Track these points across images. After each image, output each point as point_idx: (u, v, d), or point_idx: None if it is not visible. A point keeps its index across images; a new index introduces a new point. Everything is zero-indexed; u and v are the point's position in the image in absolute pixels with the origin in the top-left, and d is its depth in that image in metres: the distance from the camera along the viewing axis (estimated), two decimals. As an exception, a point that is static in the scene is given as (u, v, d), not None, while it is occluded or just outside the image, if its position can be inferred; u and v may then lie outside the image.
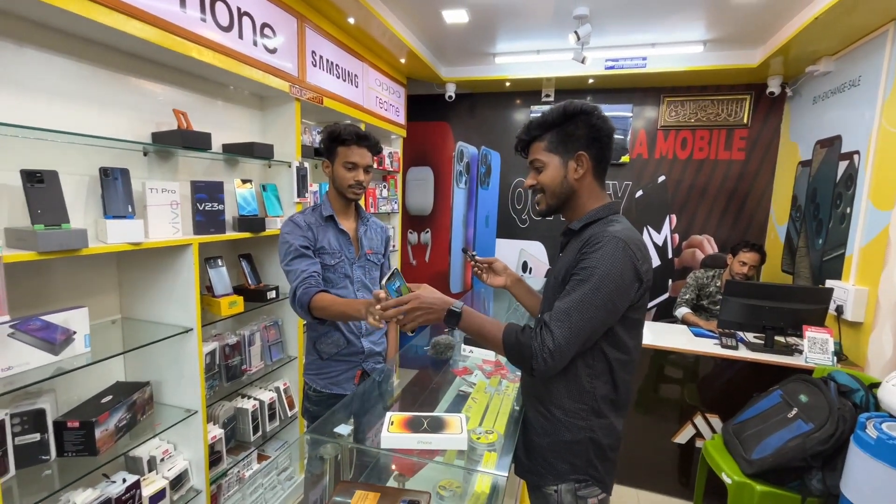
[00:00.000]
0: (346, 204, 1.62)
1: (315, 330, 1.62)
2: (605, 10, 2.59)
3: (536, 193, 1.13)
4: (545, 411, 1.10)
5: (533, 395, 1.16)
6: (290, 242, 1.49)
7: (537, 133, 1.09)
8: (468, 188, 4.32)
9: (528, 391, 1.19)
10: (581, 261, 0.97)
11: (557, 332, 0.93)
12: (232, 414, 2.13)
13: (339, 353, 1.63)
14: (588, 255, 0.96)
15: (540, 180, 1.09)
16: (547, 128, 1.07)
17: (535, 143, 1.10)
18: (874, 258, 2.23)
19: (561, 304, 0.95)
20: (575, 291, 0.95)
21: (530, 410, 1.17)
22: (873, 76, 2.37)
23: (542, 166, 1.08)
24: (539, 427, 1.12)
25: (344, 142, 1.52)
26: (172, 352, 1.79)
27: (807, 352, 2.20)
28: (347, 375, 1.65)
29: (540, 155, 1.08)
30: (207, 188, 1.84)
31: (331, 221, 1.59)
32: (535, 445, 1.13)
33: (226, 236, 1.91)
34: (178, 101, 1.88)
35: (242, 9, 1.89)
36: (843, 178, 2.58)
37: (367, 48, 3.01)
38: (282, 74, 2.17)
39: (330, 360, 1.63)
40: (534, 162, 1.10)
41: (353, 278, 1.62)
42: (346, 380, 1.64)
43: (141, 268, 1.76)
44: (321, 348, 1.63)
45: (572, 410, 1.06)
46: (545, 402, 1.10)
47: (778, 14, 2.54)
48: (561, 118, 1.05)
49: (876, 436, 1.53)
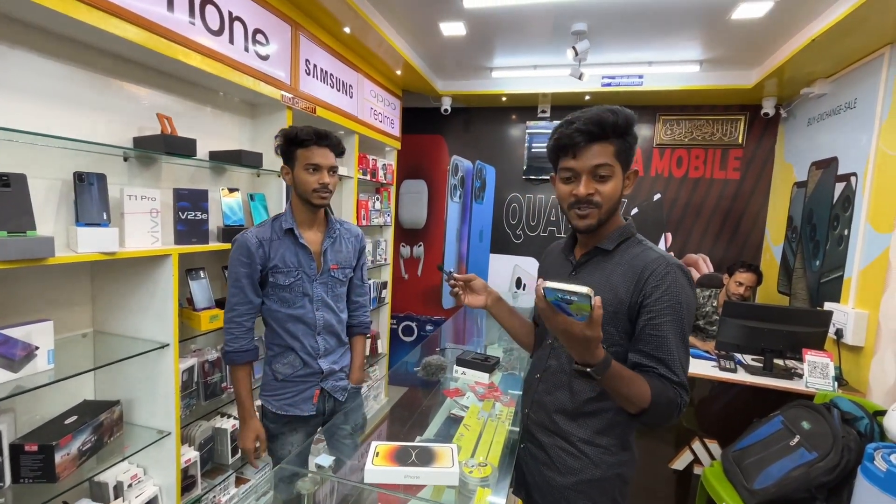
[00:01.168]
0: (311, 213, 1.50)
1: (271, 349, 1.54)
2: (604, 27, 2.58)
3: (586, 205, 0.95)
4: (572, 448, 1.02)
5: (552, 431, 1.06)
6: (233, 269, 1.44)
7: (611, 133, 0.92)
8: (462, 202, 4.27)
9: (547, 427, 1.08)
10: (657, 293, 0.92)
11: (685, 379, 0.91)
12: (210, 434, 2.01)
13: (296, 374, 1.53)
14: (665, 286, 0.92)
15: (603, 191, 0.94)
16: (618, 132, 0.92)
17: (603, 145, 0.92)
18: (874, 281, 2.19)
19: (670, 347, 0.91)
20: (671, 331, 0.91)
21: (551, 448, 1.06)
22: (869, 99, 2.37)
23: (609, 175, 0.93)
24: (562, 465, 1.04)
25: (302, 143, 1.41)
26: (147, 369, 1.68)
27: (807, 376, 2.15)
28: (305, 396, 1.54)
29: (610, 160, 0.93)
30: (191, 196, 1.76)
31: (290, 235, 1.47)
32: (555, 485, 1.04)
33: (209, 247, 1.83)
34: (163, 106, 1.81)
35: (234, 13, 1.83)
36: (840, 199, 2.57)
37: (362, 58, 2.97)
38: (274, 82, 2.11)
39: (286, 381, 1.52)
40: (600, 168, 0.92)
41: (313, 296, 1.51)
42: (304, 400, 1.54)
43: (116, 279, 1.66)
44: (276, 368, 1.53)
45: (603, 446, 1.01)
46: (571, 438, 1.03)
47: (774, 36, 2.55)
48: (629, 126, 0.93)
49: (885, 468, 1.47)
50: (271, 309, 1.50)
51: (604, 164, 0.93)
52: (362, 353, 1.72)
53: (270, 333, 1.54)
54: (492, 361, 1.60)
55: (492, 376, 1.63)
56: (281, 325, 1.50)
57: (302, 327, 1.50)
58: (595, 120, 0.91)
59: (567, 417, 1.03)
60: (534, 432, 1.11)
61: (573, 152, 0.94)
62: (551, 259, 1.21)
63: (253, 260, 1.42)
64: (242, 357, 1.46)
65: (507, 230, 4.19)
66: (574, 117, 0.94)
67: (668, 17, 2.43)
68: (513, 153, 4.10)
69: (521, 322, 1.29)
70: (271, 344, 1.54)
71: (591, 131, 0.91)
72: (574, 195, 0.95)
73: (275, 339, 1.52)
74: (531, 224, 4.13)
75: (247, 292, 1.44)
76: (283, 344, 1.51)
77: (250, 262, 1.42)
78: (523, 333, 1.28)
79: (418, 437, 1.42)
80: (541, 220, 4.10)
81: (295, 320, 1.49)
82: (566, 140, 0.94)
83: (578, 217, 0.97)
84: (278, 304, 1.48)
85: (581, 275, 1.04)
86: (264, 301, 1.50)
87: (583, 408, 1.02)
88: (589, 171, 0.93)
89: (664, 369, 0.90)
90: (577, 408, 1.02)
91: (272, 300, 1.49)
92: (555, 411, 1.05)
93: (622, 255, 1.00)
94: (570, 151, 0.94)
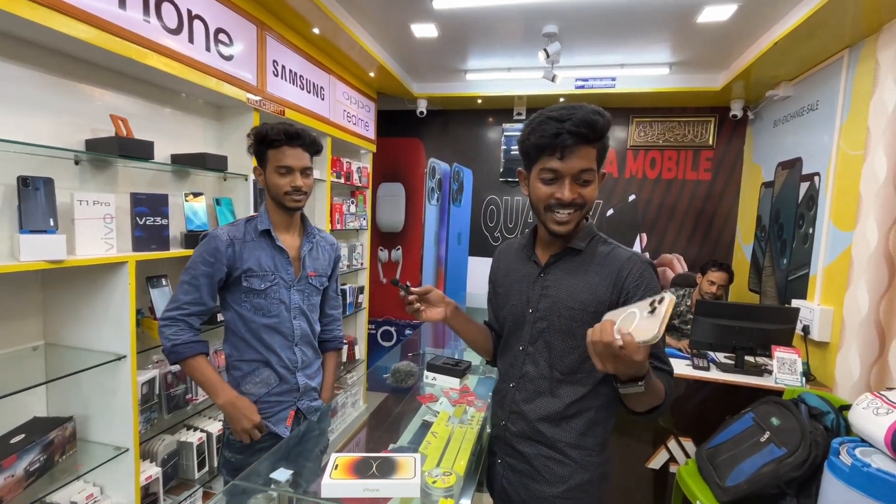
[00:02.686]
0: (287, 216, 1.41)
1: (238, 369, 1.39)
2: (575, 29, 2.60)
3: (571, 209, 0.91)
4: (559, 455, 1.00)
5: (536, 440, 1.02)
6: (194, 265, 1.30)
7: (599, 137, 0.88)
8: (440, 205, 4.25)
9: (529, 437, 1.03)
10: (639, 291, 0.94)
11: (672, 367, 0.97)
12: (174, 449, 1.93)
13: (270, 393, 1.39)
14: (644, 283, 0.94)
15: (586, 195, 0.91)
16: (601, 136, 0.89)
17: (589, 149, 0.88)
18: (838, 278, 2.25)
19: (662, 343, 1.00)
20: None
21: (535, 459, 1.02)
22: (830, 101, 2.44)
23: (591, 179, 0.91)
24: (550, 475, 1.00)
25: (273, 143, 1.31)
26: (103, 382, 1.60)
27: (776, 372, 2.18)
28: (279, 418, 1.41)
29: (593, 164, 0.90)
30: (149, 201, 1.69)
31: (267, 237, 1.37)
32: (544, 497, 1.01)
33: (170, 253, 1.76)
34: (118, 107, 1.74)
35: (194, 12, 1.78)
36: (805, 199, 2.63)
37: (334, 60, 2.93)
38: (239, 83, 2.05)
39: (258, 402, 1.38)
40: (585, 171, 0.89)
41: (290, 304, 1.40)
42: (278, 422, 1.41)
43: (69, 288, 1.58)
44: (247, 389, 1.38)
45: (589, 447, 1.00)
46: (557, 445, 1.00)
47: (739, 39, 2.60)
48: (607, 129, 0.90)
49: (850, 463, 1.49)
50: (244, 318, 1.35)
51: (588, 169, 0.89)
52: (334, 370, 1.63)
53: (239, 348, 1.38)
54: (463, 366, 1.57)
55: (464, 380, 1.61)
56: (255, 336, 1.36)
57: (279, 338, 1.39)
58: (588, 122, 0.86)
59: (551, 424, 1.00)
60: (514, 444, 1.06)
61: (560, 153, 0.88)
62: (507, 260, 1.15)
63: (219, 260, 1.30)
64: (193, 348, 1.30)
65: (485, 233, 4.19)
66: (560, 115, 0.87)
67: (637, 20, 2.46)
68: (490, 155, 4.10)
69: (478, 329, 1.22)
70: (239, 362, 1.38)
71: (582, 133, 0.86)
72: (557, 199, 0.91)
73: (245, 355, 1.38)
74: (509, 226, 4.13)
75: (203, 293, 1.31)
76: (257, 358, 1.37)
77: (215, 261, 1.30)
78: (481, 339, 1.22)
79: (391, 445, 1.39)
80: (518, 221, 4.11)
81: (271, 330, 1.37)
82: (551, 139, 0.87)
83: (557, 222, 0.93)
84: (252, 313, 1.35)
85: (551, 277, 1.01)
86: (233, 309, 1.36)
87: (566, 411, 0.99)
88: (574, 175, 0.89)
89: (658, 362, 0.94)
90: (561, 412, 0.99)
91: (244, 307, 1.35)
92: (537, 419, 1.01)
93: (593, 255, 0.99)
94: (557, 151, 0.88)
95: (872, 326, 1.96)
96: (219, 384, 1.32)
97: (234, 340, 1.38)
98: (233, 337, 1.38)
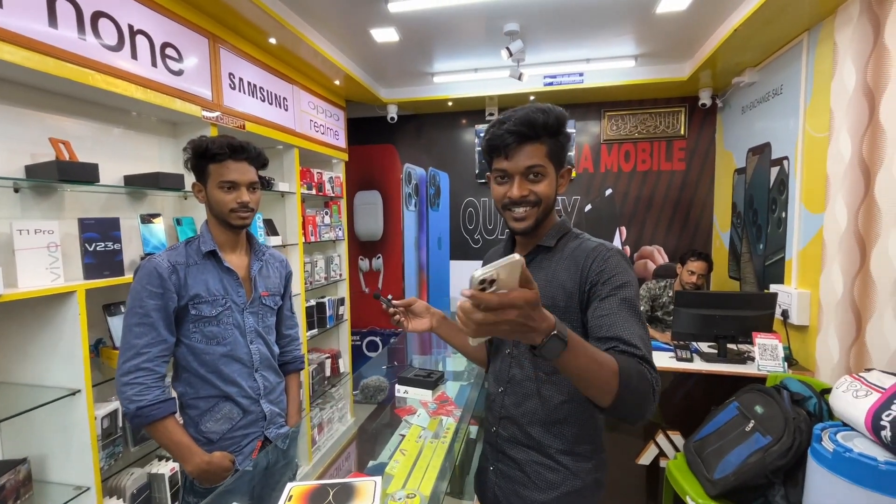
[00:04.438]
0: (232, 235, 1.32)
1: (194, 408, 1.27)
2: (537, 27, 2.57)
3: (524, 206, 0.94)
4: (550, 461, 0.98)
5: (528, 445, 1.00)
6: (138, 302, 1.17)
7: (543, 133, 0.90)
8: (418, 210, 4.20)
9: (521, 442, 1.01)
10: (603, 277, 0.90)
11: (648, 354, 0.82)
12: (145, 482, 1.84)
13: (235, 427, 1.29)
14: (608, 269, 0.90)
15: (538, 191, 0.92)
16: (549, 132, 0.91)
17: (535, 146, 0.91)
18: (812, 261, 2.24)
19: (623, 323, 0.84)
20: (623, 308, 0.86)
21: (527, 465, 1.00)
22: (793, 85, 2.44)
23: (542, 174, 0.92)
24: (541, 481, 0.98)
25: (215, 157, 1.22)
26: (57, 419, 1.52)
27: (758, 359, 2.16)
28: (245, 452, 1.31)
29: (542, 161, 0.91)
30: (99, 226, 1.62)
31: (212, 258, 1.28)
32: (534, 503, 0.99)
33: (124, 279, 1.68)
34: (63, 129, 1.66)
35: (136, 27, 1.71)
36: (776, 183, 2.63)
37: (296, 70, 2.87)
38: (192, 98, 1.99)
39: (222, 439, 1.28)
40: (533, 168, 0.91)
41: (245, 328, 1.31)
42: (244, 456, 1.31)
43: (14, 323, 1.50)
44: (209, 428, 1.27)
45: (580, 453, 0.98)
46: (549, 451, 0.98)
47: (701, 28, 2.60)
48: (559, 125, 0.92)
49: (832, 448, 1.47)
50: (195, 350, 1.25)
51: (536, 165, 0.91)
52: (298, 393, 1.55)
53: (194, 385, 1.27)
54: (434, 377, 1.52)
55: (437, 392, 1.55)
56: (211, 369, 1.26)
57: (237, 366, 1.29)
58: (525, 120, 0.89)
59: (543, 428, 0.99)
60: (506, 450, 1.04)
61: (505, 153, 0.91)
62: None
63: (166, 288, 1.19)
64: (162, 409, 1.17)
65: (465, 235, 4.14)
66: (505, 117, 0.92)
67: (598, 14, 2.44)
68: (465, 157, 4.07)
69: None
70: (195, 399, 1.27)
71: (522, 132, 0.89)
72: (508, 197, 0.94)
73: (201, 391, 1.27)
74: (488, 228, 4.10)
75: (160, 329, 1.19)
76: (215, 394, 1.27)
77: (163, 291, 1.18)
78: (472, 348, 1.23)
79: (371, 463, 1.33)
80: (498, 223, 4.07)
81: (228, 359, 1.28)
82: (497, 140, 0.91)
83: (514, 219, 0.96)
84: (204, 343, 1.25)
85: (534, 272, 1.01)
86: (182, 344, 1.25)
87: (555, 414, 0.98)
88: (521, 173, 0.92)
89: (623, 345, 0.81)
90: (550, 415, 0.98)
91: (194, 338, 1.25)
92: (528, 424, 1.00)
93: (563, 251, 0.99)
94: (503, 152, 0.92)
95: (848, 308, 1.95)
96: (188, 448, 1.20)
97: (187, 377, 1.27)
98: (185, 374, 1.27)
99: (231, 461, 1.26)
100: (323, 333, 3.31)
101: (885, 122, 1.77)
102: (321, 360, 3.27)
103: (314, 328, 3.13)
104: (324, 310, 3.25)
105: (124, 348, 1.18)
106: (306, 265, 3.05)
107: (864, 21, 1.88)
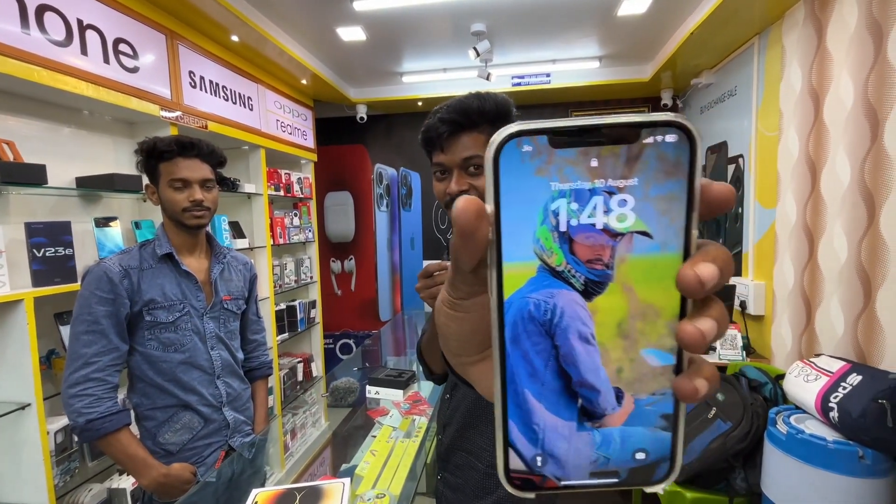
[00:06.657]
0: (189, 236, 1.27)
1: (151, 419, 1.21)
2: (503, 27, 2.60)
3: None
4: (481, 465, 0.95)
5: (465, 450, 0.97)
6: (87, 309, 1.12)
7: (480, 121, 0.80)
8: (390, 211, 4.18)
9: (459, 447, 0.99)
10: None
11: None
12: (105, 498, 1.76)
13: (196, 438, 1.24)
14: None
15: (480, 185, 0.82)
16: (488, 118, 0.81)
17: (472, 135, 0.81)
18: (766, 254, 2.36)
19: None
20: None
21: (465, 470, 0.97)
22: (746, 86, 2.56)
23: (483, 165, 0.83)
24: (475, 487, 0.96)
25: (163, 155, 1.18)
26: (6, 435, 1.44)
27: (719, 349, 2.26)
28: (208, 463, 1.26)
29: (482, 151, 0.80)
30: (48, 230, 1.53)
31: (169, 262, 1.23)
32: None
33: (77, 286, 1.60)
34: (8, 129, 1.57)
35: (86, 21, 1.63)
36: (732, 180, 2.75)
37: (261, 69, 2.81)
38: (148, 97, 1.91)
39: (183, 450, 1.22)
40: (472, 159, 0.81)
41: (205, 333, 1.27)
42: (207, 467, 1.26)
43: (-44, 335, 1.41)
44: (167, 440, 1.21)
45: None
46: (481, 454, 0.95)
47: (660, 30, 2.69)
48: (499, 112, 0.81)
49: (786, 431, 1.54)
50: (151, 359, 1.20)
51: (475, 156, 0.80)
52: (265, 400, 1.51)
53: (150, 395, 1.21)
54: (406, 377, 1.52)
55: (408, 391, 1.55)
56: (170, 377, 1.21)
57: (197, 373, 1.25)
58: (458, 108, 0.80)
59: (475, 430, 0.96)
60: (449, 458, 1.01)
61: (441, 145, 0.83)
62: None
63: (118, 294, 1.13)
64: (114, 422, 1.12)
65: (437, 235, 4.15)
66: (439, 107, 0.83)
67: (562, 16, 2.49)
68: (436, 158, 4.06)
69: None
70: (151, 410, 1.21)
71: (455, 120, 0.80)
72: (448, 193, 0.83)
73: (158, 401, 1.21)
74: (461, 227, 4.11)
75: (111, 337, 1.13)
76: (174, 403, 1.22)
77: (114, 297, 1.13)
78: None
79: (343, 466, 1.32)
80: (470, 222, 4.09)
81: (187, 366, 1.23)
82: (432, 132, 0.82)
83: None
84: (161, 350, 1.20)
85: None
86: (137, 352, 1.20)
87: (487, 413, 0.94)
88: (459, 165, 0.82)
89: None
90: (485, 415, 0.94)
91: (150, 346, 1.19)
92: (465, 426, 0.97)
93: None
94: (438, 144, 0.83)
95: (799, 297, 2.06)
96: (143, 462, 1.15)
97: (142, 387, 1.21)
98: (139, 384, 1.22)
99: (192, 473, 1.21)
100: (294, 337, 3.24)
101: (828, 121, 1.88)
102: (293, 365, 3.21)
103: (285, 332, 3.07)
104: (294, 313, 3.19)
105: (71, 358, 1.12)
106: (275, 268, 2.98)
107: (809, 25, 1.99)
